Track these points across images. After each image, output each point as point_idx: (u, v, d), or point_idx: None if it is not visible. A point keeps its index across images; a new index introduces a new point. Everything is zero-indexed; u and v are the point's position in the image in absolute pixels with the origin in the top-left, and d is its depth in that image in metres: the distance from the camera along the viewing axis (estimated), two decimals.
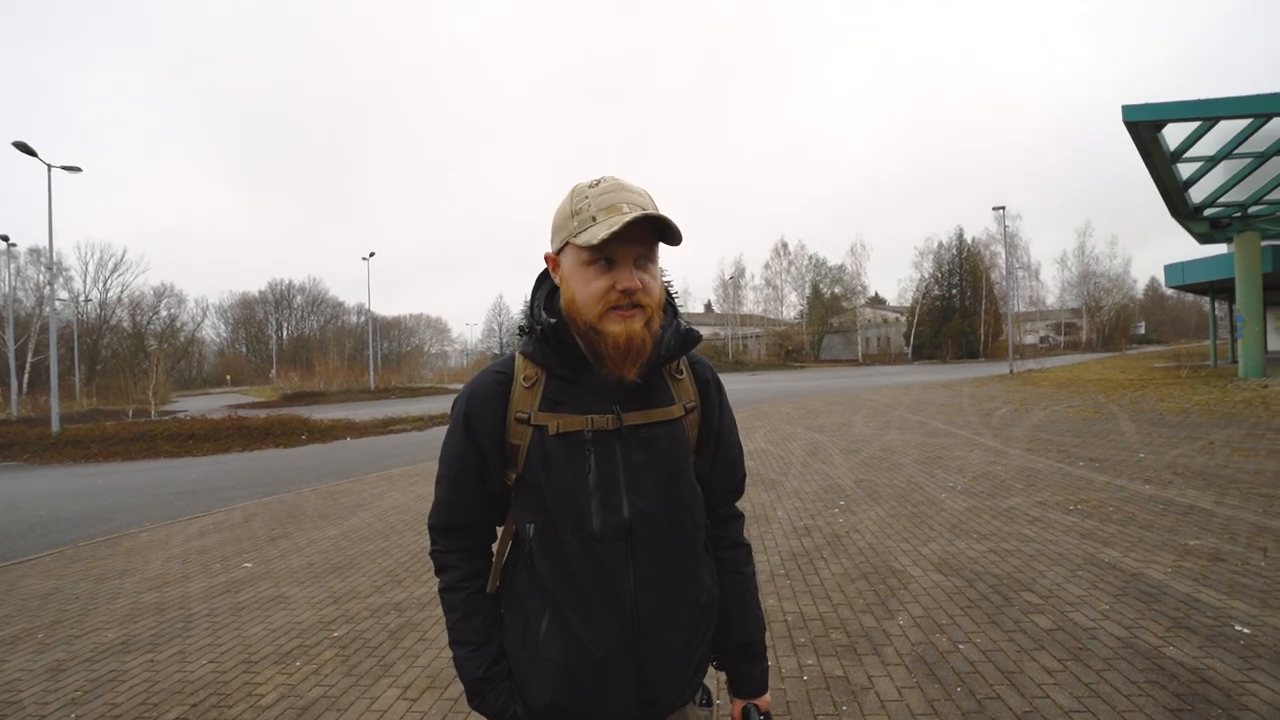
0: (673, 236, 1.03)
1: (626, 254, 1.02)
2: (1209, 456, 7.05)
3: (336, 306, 79.52)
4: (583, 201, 1.04)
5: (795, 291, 63.81)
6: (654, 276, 1.06)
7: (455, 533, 1.17)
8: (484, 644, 1.12)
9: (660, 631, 1.07)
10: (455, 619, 1.14)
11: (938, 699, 2.59)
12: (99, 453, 15.37)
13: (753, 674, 1.22)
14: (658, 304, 1.07)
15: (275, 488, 8.87)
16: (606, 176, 1.07)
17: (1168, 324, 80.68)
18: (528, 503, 1.10)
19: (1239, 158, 13.70)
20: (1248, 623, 3.07)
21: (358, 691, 2.92)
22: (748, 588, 1.24)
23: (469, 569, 1.16)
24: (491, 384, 1.12)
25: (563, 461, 1.06)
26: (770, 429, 11.56)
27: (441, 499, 1.16)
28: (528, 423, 1.08)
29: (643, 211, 1.00)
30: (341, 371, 45.68)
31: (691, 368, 1.20)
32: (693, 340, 1.13)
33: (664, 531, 1.09)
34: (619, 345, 1.02)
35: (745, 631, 1.22)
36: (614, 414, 1.07)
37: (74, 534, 6.73)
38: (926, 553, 4.37)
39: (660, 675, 1.07)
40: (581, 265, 1.04)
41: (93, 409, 30.34)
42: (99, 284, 54.77)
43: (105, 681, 3.16)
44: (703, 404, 1.19)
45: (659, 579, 1.08)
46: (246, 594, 4.37)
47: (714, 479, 1.23)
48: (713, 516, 1.24)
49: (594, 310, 1.03)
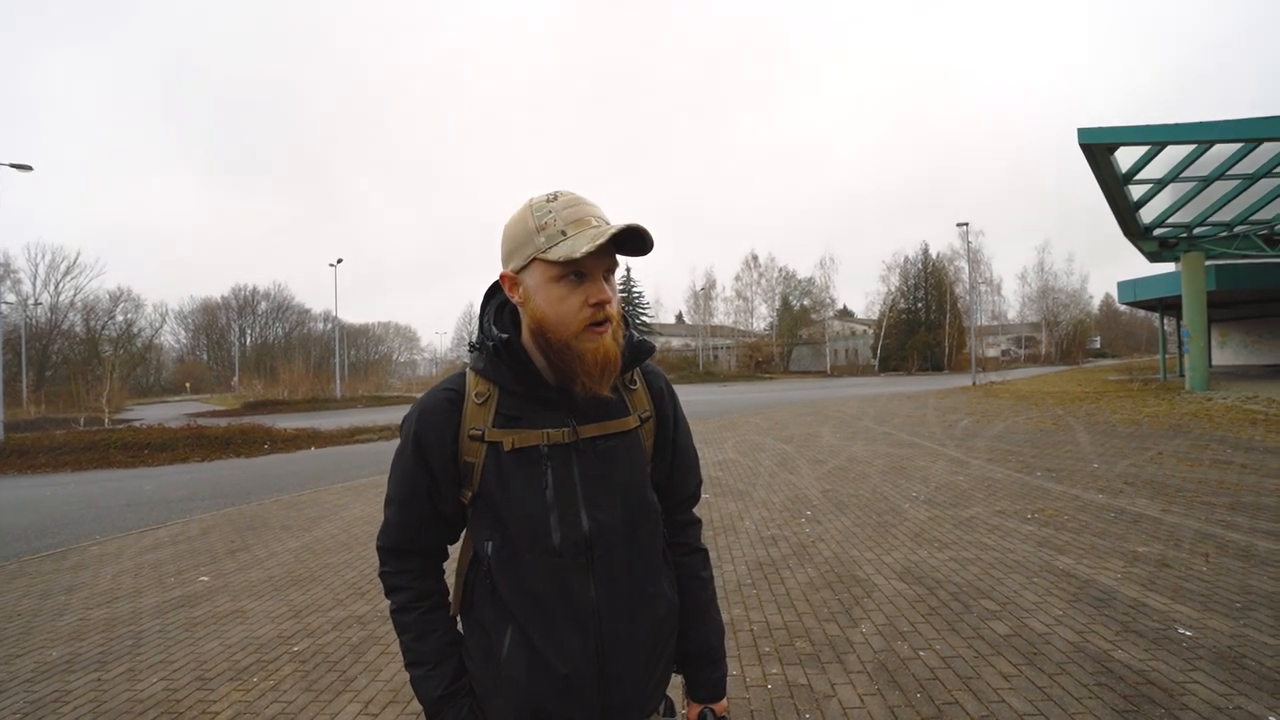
0: (648, 246, 1.01)
1: (597, 267, 1.02)
2: (1158, 466, 7.33)
3: (302, 313, 78.01)
4: (546, 216, 1.02)
5: (765, 303, 64.73)
6: (615, 288, 1.06)
7: (406, 554, 1.15)
8: (441, 662, 1.10)
9: (623, 644, 1.07)
10: (409, 639, 1.12)
11: (898, 705, 2.64)
12: (46, 463, 14.74)
13: (711, 679, 1.22)
14: (619, 316, 1.07)
15: (235, 499, 8.62)
16: (561, 191, 1.05)
17: (1121, 338, 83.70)
18: (485, 520, 1.09)
19: (1185, 181, 14.38)
20: (1190, 625, 3.20)
21: (317, 707, 2.86)
22: (706, 592, 1.25)
23: (420, 589, 1.14)
24: (442, 401, 1.10)
25: (519, 477, 1.05)
26: (739, 439, 11.65)
27: (391, 521, 1.14)
28: (482, 439, 1.07)
29: (624, 224, 0.99)
30: (307, 379, 44.62)
31: (645, 377, 1.20)
32: (645, 351, 1.13)
33: (623, 543, 1.09)
34: (597, 362, 1.01)
35: (704, 636, 1.22)
36: (569, 427, 1.07)
37: (17, 548, 6.43)
38: (890, 561, 4.46)
39: (624, 689, 1.07)
40: (550, 281, 1.01)
41: (41, 416, 29.07)
42: (50, 287, 52.81)
43: (47, 703, 3.03)
44: (657, 413, 1.19)
45: (620, 591, 1.08)
46: (202, 608, 4.23)
47: (671, 486, 1.24)
48: (670, 523, 1.25)
49: (571, 328, 1.01)
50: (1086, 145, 13.36)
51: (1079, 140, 13.35)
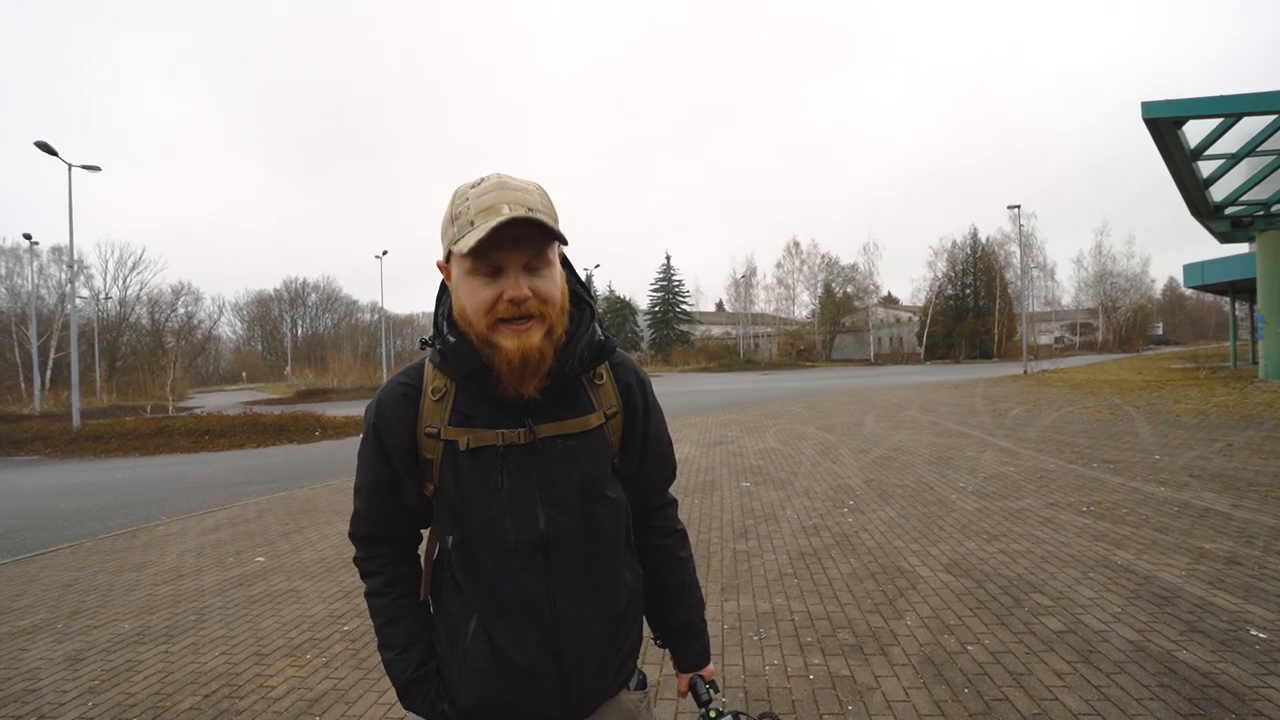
0: (551, 233, 0.95)
1: (512, 260, 0.95)
2: (1227, 459, 6.94)
3: (350, 305, 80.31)
4: (463, 204, 0.96)
5: (807, 290, 63.48)
6: (551, 280, 0.99)
7: (375, 541, 1.16)
8: (409, 647, 1.11)
9: (582, 639, 1.07)
10: (381, 623, 1.14)
11: (945, 700, 2.57)
12: (118, 448, 15.61)
13: (694, 648, 1.26)
14: (560, 310, 1.01)
15: (289, 483, 8.97)
16: (490, 175, 0.98)
17: (1186, 325, 79.39)
18: (444, 516, 1.09)
19: (1262, 155, 13.45)
20: (1264, 627, 3.02)
21: (367, 684, 2.96)
22: (686, 572, 1.26)
23: (391, 574, 1.15)
24: (397, 396, 1.07)
25: (474, 477, 1.03)
26: (781, 428, 11.52)
27: (359, 510, 1.15)
28: (438, 437, 1.04)
29: (506, 216, 0.91)
30: (355, 369, 46.07)
31: (613, 370, 1.15)
32: (607, 352, 1.09)
33: (581, 543, 1.07)
34: (512, 362, 0.96)
35: (685, 614, 1.25)
36: (525, 427, 1.03)
37: (93, 527, 6.84)
38: (936, 553, 4.34)
39: (584, 675, 1.08)
40: (466, 275, 0.97)
41: (113, 405, 30.83)
42: (119, 282, 55.62)
43: (121, 671, 3.22)
44: (625, 408, 1.15)
45: (578, 590, 1.07)
46: (259, 587, 4.43)
47: (643, 475, 1.22)
48: (648, 507, 1.25)
49: (481, 323, 0.97)
50: (1151, 120, 12.61)
51: (1143, 115, 12.60)
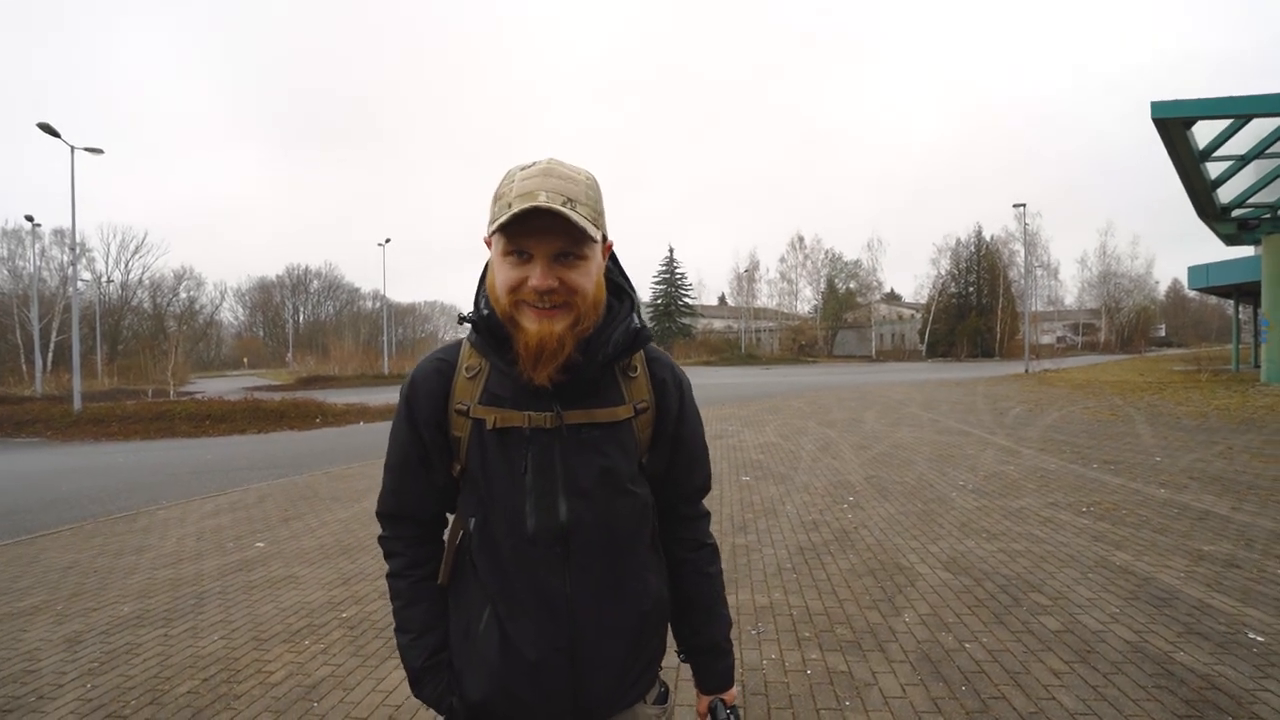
0: (574, 226, 0.92)
1: (543, 248, 0.94)
2: (1227, 461, 6.94)
3: (352, 292, 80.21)
4: (508, 185, 0.96)
5: (810, 286, 63.31)
6: (582, 272, 0.97)
7: (402, 521, 1.15)
8: (424, 633, 1.10)
9: (599, 639, 1.03)
10: (399, 606, 1.12)
11: (942, 697, 2.58)
12: (119, 431, 15.65)
13: (718, 669, 1.19)
14: (591, 303, 0.99)
15: (289, 469, 8.99)
16: (543, 159, 0.98)
17: (1189, 327, 79.07)
18: (469, 500, 1.07)
19: (1271, 157, 13.37)
20: (1262, 630, 3.03)
21: (364, 671, 2.97)
22: (714, 588, 1.20)
23: (413, 556, 1.14)
24: (431, 372, 1.08)
25: (499, 459, 1.02)
26: (781, 423, 11.52)
27: (387, 486, 1.14)
28: (467, 415, 1.04)
29: (560, 202, 0.90)
30: (356, 356, 46.08)
31: (649, 365, 1.13)
32: (643, 340, 1.07)
33: (604, 536, 1.04)
34: (529, 345, 0.96)
35: (711, 633, 1.19)
36: (554, 412, 1.01)
37: (94, 510, 6.86)
38: (935, 550, 4.35)
39: (601, 679, 1.04)
40: (501, 255, 0.97)
41: (114, 388, 30.89)
42: (120, 265, 55.54)
43: (120, 654, 3.24)
44: (657, 404, 1.12)
45: (598, 586, 1.03)
46: (258, 573, 4.44)
47: (673, 479, 1.17)
48: (676, 516, 1.20)
49: (506, 300, 0.97)
50: (1160, 120, 12.53)
51: (1152, 115, 12.50)
